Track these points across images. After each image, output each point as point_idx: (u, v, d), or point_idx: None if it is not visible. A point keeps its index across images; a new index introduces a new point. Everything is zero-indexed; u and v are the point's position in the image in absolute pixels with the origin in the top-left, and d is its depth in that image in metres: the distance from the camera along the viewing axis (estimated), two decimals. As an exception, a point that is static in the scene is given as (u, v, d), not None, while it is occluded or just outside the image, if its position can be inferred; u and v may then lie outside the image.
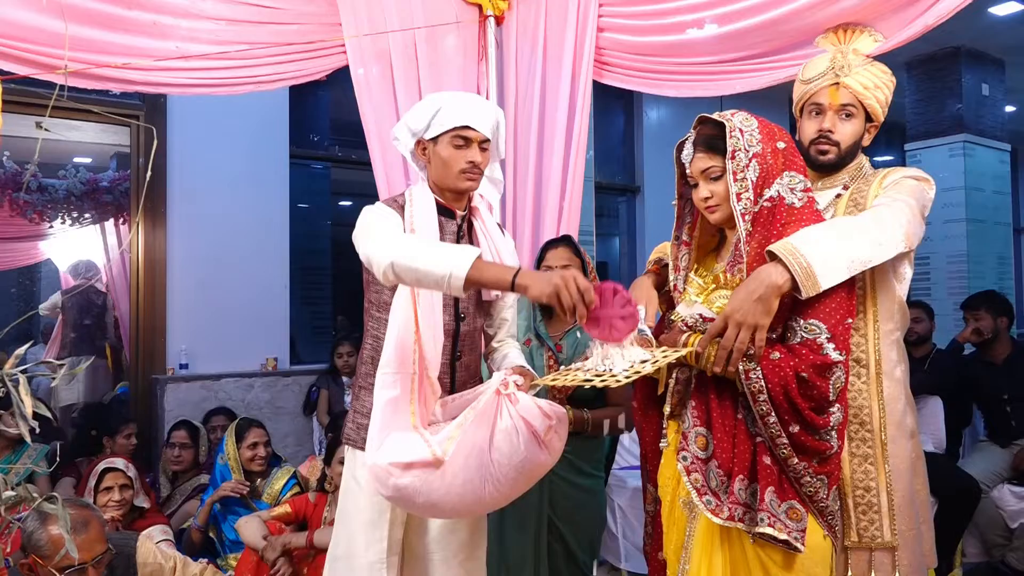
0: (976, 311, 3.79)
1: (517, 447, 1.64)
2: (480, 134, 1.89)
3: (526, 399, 1.68)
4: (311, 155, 5.57)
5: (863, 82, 1.89)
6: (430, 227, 1.89)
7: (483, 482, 1.65)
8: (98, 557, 1.95)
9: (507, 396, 1.68)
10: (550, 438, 1.69)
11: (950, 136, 6.71)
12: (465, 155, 1.89)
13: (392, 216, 1.88)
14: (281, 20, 2.60)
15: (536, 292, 1.59)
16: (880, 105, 1.92)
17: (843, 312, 1.58)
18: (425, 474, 1.65)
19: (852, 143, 1.90)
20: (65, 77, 2.14)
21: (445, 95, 1.95)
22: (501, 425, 1.65)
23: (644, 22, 2.82)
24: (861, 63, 1.93)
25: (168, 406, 4.21)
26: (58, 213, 5.47)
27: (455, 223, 1.97)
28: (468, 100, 1.92)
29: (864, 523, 1.76)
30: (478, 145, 1.90)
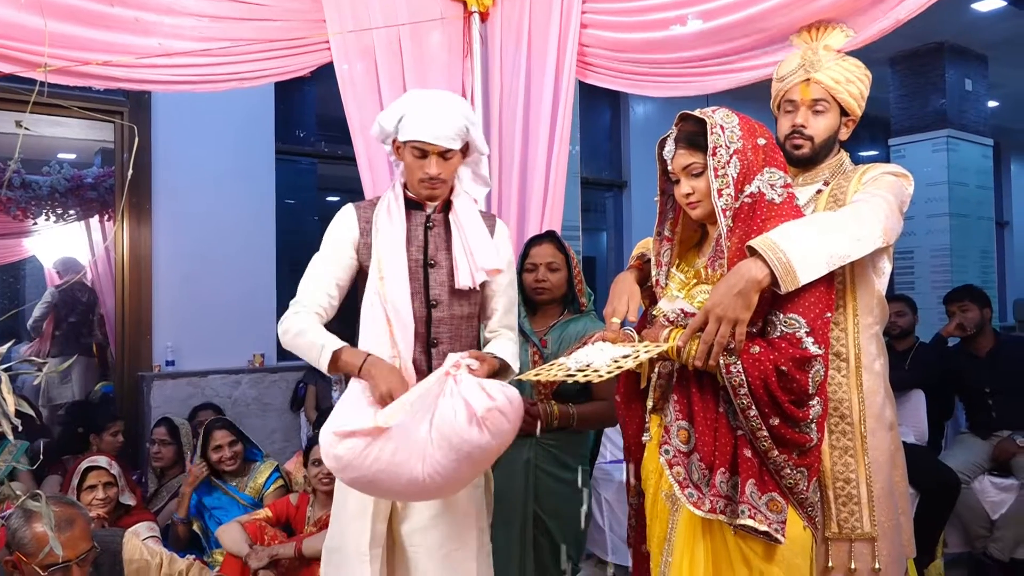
0: (962, 302, 3.81)
1: (453, 427, 1.68)
2: (437, 147, 1.89)
3: (470, 380, 1.73)
4: (297, 151, 5.56)
5: (834, 76, 1.91)
6: (395, 228, 1.95)
7: (420, 460, 1.69)
8: (83, 555, 1.94)
9: (453, 377, 1.73)
10: (491, 420, 1.71)
11: (933, 131, 6.77)
12: (423, 166, 1.92)
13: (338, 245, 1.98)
14: (265, 16, 2.59)
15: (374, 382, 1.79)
16: (854, 99, 1.93)
17: (822, 306, 1.60)
18: (362, 444, 1.70)
19: (826, 137, 1.92)
20: (45, 74, 2.13)
21: (411, 102, 1.94)
22: (442, 403, 1.70)
23: (627, 18, 2.83)
24: (832, 58, 1.95)
25: (154, 403, 4.20)
26: (42, 210, 5.44)
27: (424, 214, 2.01)
28: (427, 113, 1.89)
29: (844, 514, 1.78)
30: (439, 156, 1.91)
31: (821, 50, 1.98)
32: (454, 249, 1.97)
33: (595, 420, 2.47)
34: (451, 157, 1.93)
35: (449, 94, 2.02)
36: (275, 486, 3.21)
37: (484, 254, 1.97)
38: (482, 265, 1.96)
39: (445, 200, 2.02)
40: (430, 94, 2.01)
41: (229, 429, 3.24)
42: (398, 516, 1.96)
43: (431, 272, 1.98)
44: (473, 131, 1.96)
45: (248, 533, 2.75)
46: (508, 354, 2.01)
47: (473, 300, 2.04)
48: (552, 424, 2.36)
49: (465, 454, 1.71)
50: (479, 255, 1.96)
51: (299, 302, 1.95)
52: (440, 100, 1.94)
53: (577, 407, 2.39)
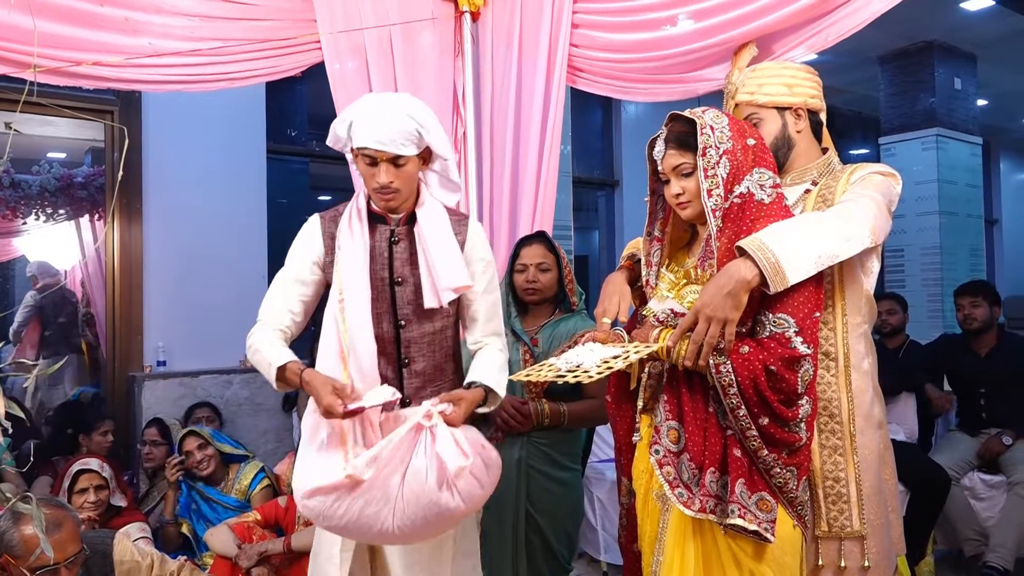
0: (975, 297, 3.76)
1: (423, 487, 1.65)
2: (386, 153, 1.78)
3: (446, 434, 1.68)
4: (289, 150, 5.54)
5: (748, 90, 1.96)
6: (357, 244, 1.86)
7: (391, 514, 1.66)
8: (71, 558, 1.93)
9: (428, 429, 1.68)
10: (464, 483, 1.67)
11: (923, 130, 6.81)
12: (374, 175, 1.82)
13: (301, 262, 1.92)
14: (255, 16, 2.58)
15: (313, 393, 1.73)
16: (780, 94, 1.93)
17: (811, 306, 1.61)
18: (332, 498, 1.67)
19: (773, 139, 1.91)
20: (34, 74, 2.12)
21: (360, 106, 1.83)
22: (415, 460, 1.66)
23: (618, 19, 2.83)
24: (745, 74, 2.02)
25: (146, 404, 4.18)
26: (32, 209, 5.42)
27: (388, 228, 1.92)
28: (371, 118, 1.78)
29: (834, 513, 1.79)
30: (389, 163, 1.80)
31: (735, 76, 2.06)
32: (420, 267, 1.88)
33: (586, 418, 2.48)
34: (404, 163, 1.81)
35: (401, 97, 1.89)
36: (261, 486, 3.22)
37: (450, 272, 1.85)
38: (448, 284, 1.85)
39: (410, 211, 1.92)
40: (379, 97, 1.88)
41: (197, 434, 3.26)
42: None
43: (398, 290, 1.90)
44: (428, 134, 1.83)
45: (236, 534, 2.75)
46: (492, 374, 1.91)
47: (445, 313, 1.96)
48: (543, 422, 2.37)
49: (434, 515, 1.67)
50: (444, 274, 1.84)
51: (261, 319, 1.91)
52: (387, 103, 1.82)
53: (568, 405, 2.40)
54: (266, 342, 1.85)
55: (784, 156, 1.94)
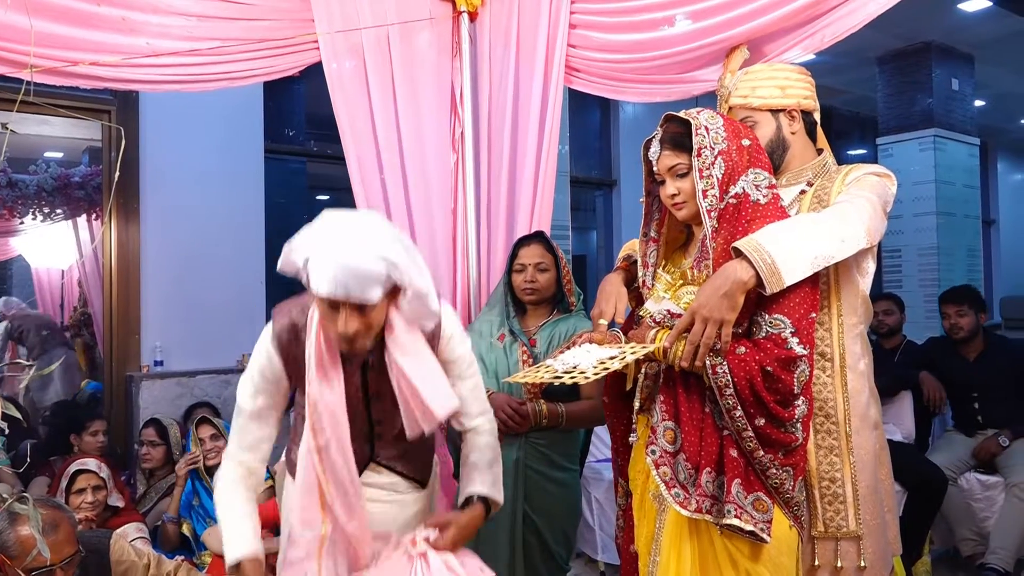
0: (960, 306, 3.77)
1: None
2: (348, 301, 1.49)
3: (439, 566, 1.59)
4: (286, 150, 5.54)
5: (741, 93, 1.96)
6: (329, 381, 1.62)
7: None
8: (67, 559, 1.93)
9: (420, 557, 1.60)
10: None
11: (921, 130, 6.82)
12: (334, 320, 1.53)
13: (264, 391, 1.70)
14: (253, 16, 2.58)
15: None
16: (773, 97, 1.93)
17: (807, 307, 1.61)
18: None
19: (768, 142, 1.91)
20: (31, 74, 2.12)
21: (316, 244, 1.49)
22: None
23: (616, 19, 2.84)
24: (738, 77, 2.01)
25: (143, 403, 4.18)
26: (29, 209, 5.41)
27: (360, 360, 1.69)
28: (333, 260, 1.46)
29: (830, 513, 1.80)
30: (354, 310, 1.51)
31: (727, 79, 2.05)
32: (399, 402, 1.64)
33: (585, 419, 2.48)
34: (370, 311, 1.53)
35: (366, 227, 1.52)
36: (264, 485, 3.20)
37: (435, 397, 1.61)
38: (437, 411, 1.61)
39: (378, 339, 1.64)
40: (340, 232, 1.50)
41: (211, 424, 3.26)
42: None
43: (373, 404, 1.74)
44: (400, 273, 1.52)
45: None
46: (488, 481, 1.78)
47: None
48: (541, 423, 2.37)
49: None
50: (434, 403, 1.61)
51: (228, 453, 1.75)
52: (351, 244, 1.47)
53: (566, 406, 2.40)
54: (231, 508, 1.70)
55: (779, 158, 1.94)
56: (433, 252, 2.84)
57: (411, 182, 2.81)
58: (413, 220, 2.82)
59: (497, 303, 2.59)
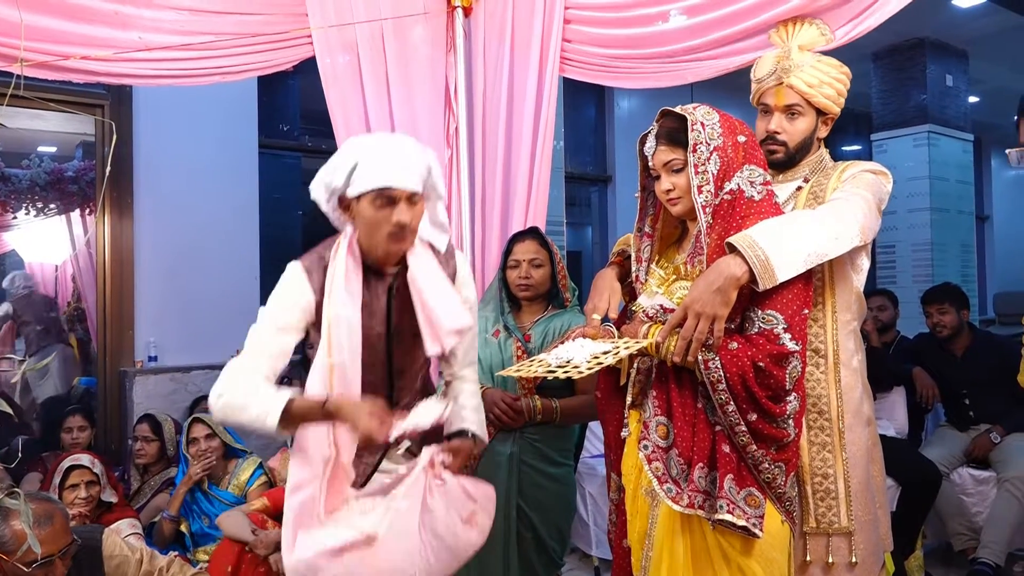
0: (941, 304, 3.79)
1: (448, 527, 1.65)
2: (406, 191, 1.64)
3: (452, 483, 1.67)
4: (281, 145, 5.52)
5: (807, 80, 1.91)
6: (352, 296, 1.69)
7: (413, 565, 1.64)
8: (64, 549, 1.94)
9: (435, 476, 1.66)
10: (478, 520, 1.70)
11: (915, 126, 6.83)
12: (390, 217, 1.64)
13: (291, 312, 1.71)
14: (246, 10, 2.57)
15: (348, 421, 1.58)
16: (830, 100, 1.93)
17: (800, 303, 1.61)
18: (357, 557, 1.61)
19: (801, 140, 1.93)
20: (21, 68, 2.11)
21: (364, 147, 1.67)
22: (432, 503, 1.65)
23: (610, 14, 2.83)
24: (808, 60, 1.94)
25: (137, 399, 4.17)
26: (22, 203, 5.37)
27: (386, 283, 1.77)
28: (388, 155, 1.64)
29: (822, 509, 1.80)
30: (406, 201, 1.65)
31: (795, 52, 1.98)
32: (418, 316, 1.73)
33: (579, 414, 2.48)
34: (418, 202, 1.68)
35: (402, 136, 1.79)
36: (259, 482, 3.19)
37: (452, 316, 1.73)
38: (451, 327, 1.73)
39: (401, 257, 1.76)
40: (382, 137, 1.77)
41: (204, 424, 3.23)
42: None
43: (395, 341, 1.80)
44: (434, 171, 1.72)
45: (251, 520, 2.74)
46: (476, 419, 1.88)
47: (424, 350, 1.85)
48: (535, 418, 2.38)
49: (457, 553, 1.69)
50: (446, 319, 1.72)
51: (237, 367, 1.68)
52: (398, 140, 1.71)
53: (561, 401, 2.40)
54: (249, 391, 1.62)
55: (801, 157, 1.94)
56: (427, 247, 2.84)
57: (405, 177, 2.81)
58: (407, 215, 2.82)
59: (492, 299, 2.59)
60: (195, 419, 3.26)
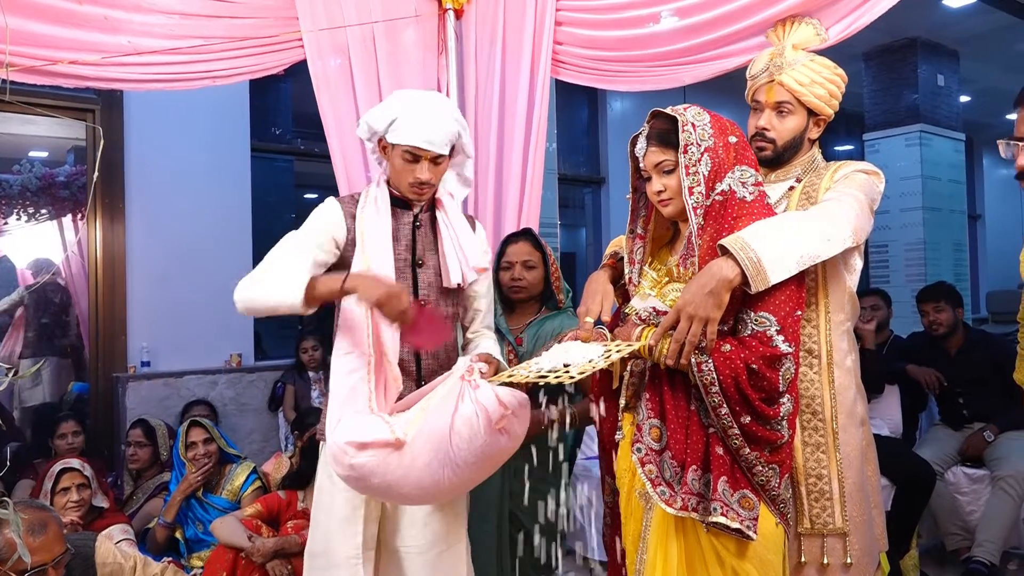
0: (937, 303, 3.80)
1: (477, 432, 1.66)
2: (432, 152, 1.88)
3: (486, 387, 1.70)
4: (273, 148, 5.51)
5: (798, 79, 1.91)
6: (382, 224, 1.92)
7: (442, 466, 1.67)
8: (58, 558, 1.94)
9: (469, 382, 1.71)
10: (508, 425, 1.72)
11: (907, 126, 6.85)
12: (413, 171, 1.89)
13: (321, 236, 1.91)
14: (236, 14, 2.56)
15: (365, 296, 1.74)
16: (822, 100, 1.93)
17: (792, 304, 1.61)
18: (383, 454, 1.66)
19: (790, 139, 1.93)
20: (7, 73, 2.09)
21: (406, 103, 1.89)
22: (462, 410, 1.67)
23: (602, 16, 2.83)
24: (801, 59, 1.94)
25: (130, 404, 4.16)
26: (13, 209, 5.34)
27: (411, 214, 1.99)
28: (423, 117, 1.86)
29: (817, 510, 1.80)
30: (430, 161, 1.89)
31: (789, 50, 1.98)
32: (443, 247, 1.97)
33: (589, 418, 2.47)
34: (441, 162, 1.92)
35: (441, 97, 2.01)
36: (253, 488, 3.18)
37: (473, 252, 1.98)
38: (473, 264, 1.98)
39: (430, 199, 2.01)
40: (424, 97, 1.94)
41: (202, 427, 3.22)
42: (388, 518, 1.94)
43: (420, 272, 1.98)
44: (464, 135, 1.95)
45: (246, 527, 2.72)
46: (497, 353, 2.02)
47: (457, 301, 2.05)
48: (575, 423, 2.40)
49: (488, 456, 1.71)
50: (469, 253, 1.97)
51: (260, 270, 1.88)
52: (435, 105, 1.91)
53: (578, 406, 2.40)
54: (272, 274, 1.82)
55: (790, 156, 1.94)
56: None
57: (397, 180, 2.80)
58: (400, 218, 2.81)
59: (485, 301, 2.58)
60: (193, 423, 3.24)
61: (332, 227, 1.93)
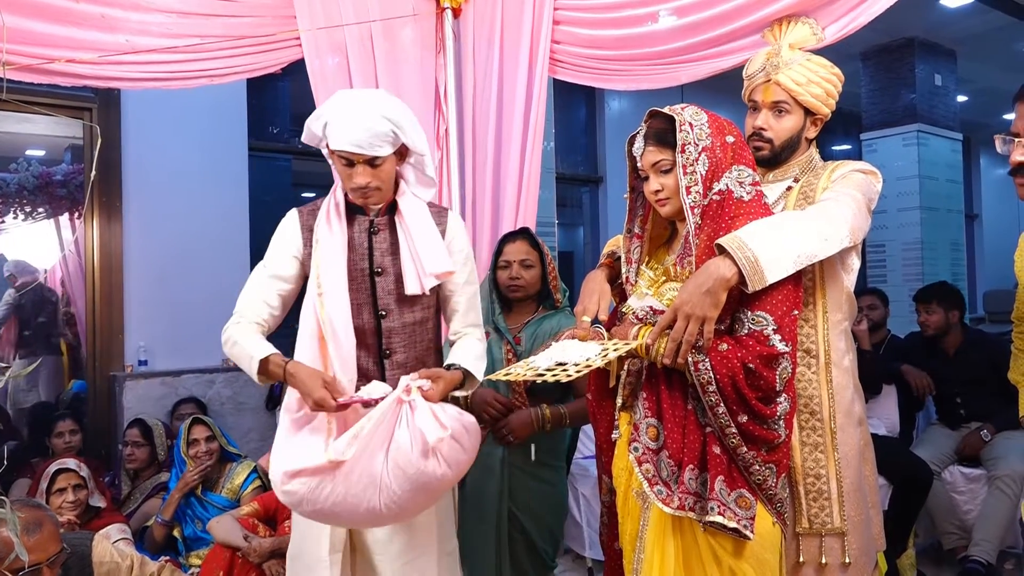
0: (928, 304, 3.81)
1: (410, 458, 1.65)
2: (363, 155, 1.78)
3: (424, 408, 1.68)
4: (271, 147, 5.51)
5: (795, 78, 1.90)
6: (335, 233, 1.86)
7: (377, 493, 1.65)
8: (53, 557, 1.93)
9: (408, 403, 1.68)
10: (446, 450, 1.67)
11: (904, 125, 6.86)
12: (351, 176, 1.82)
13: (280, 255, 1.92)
14: (234, 13, 2.56)
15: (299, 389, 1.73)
16: (818, 100, 1.93)
17: (789, 304, 1.61)
18: (315, 482, 1.65)
19: (787, 139, 1.92)
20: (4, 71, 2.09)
21: (334, 105, 1.81)
22: (397, 434, 1.65)
23: (600, 15, 2.83)
24: (798, 59, 1.94)
25: (127, 404, 4.14)
26: (10, 208, 5.34)
27: (368, 219, 1.93)
28: (346, 120, 1.77)
29: (815, 510, 1.80)
30: (366, 164, 1.80)
31: (785, 49, 1.98)
32: (401, 254, 1.89)
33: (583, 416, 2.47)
34: (381, 164, 1.82)
35: (376, 96, 1.87)
36: (253, 487, 3.17)
37: (433, 258, 1.88)
38: (431, 270, 1.87)
39: (390, 201, 1.94)
40: (352, 97, 1.85)
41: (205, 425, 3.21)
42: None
43: (378, 280, 1.91)
44: (404, 133, 1.83)
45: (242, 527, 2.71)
46: (470, 360, 1.92)
47: (426, 304, 1.98)
48: (545, 428, 2.36)
49: (421, 485, 1.67)
50: (428, 260, 1.87)
51: (238, 312, 1.89)
52: (362, 104, 1.80)
53: (567, 406, 2.40)
54: (244, 335, 1.83)
55: (787, 156, 1.94)
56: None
57: (395, 179, 2.80)
58: (398, 217, 2.81)
59: (482, 300, 2.57)
60: (196, 420, 3.24)
61: (289, 244, 1.92)
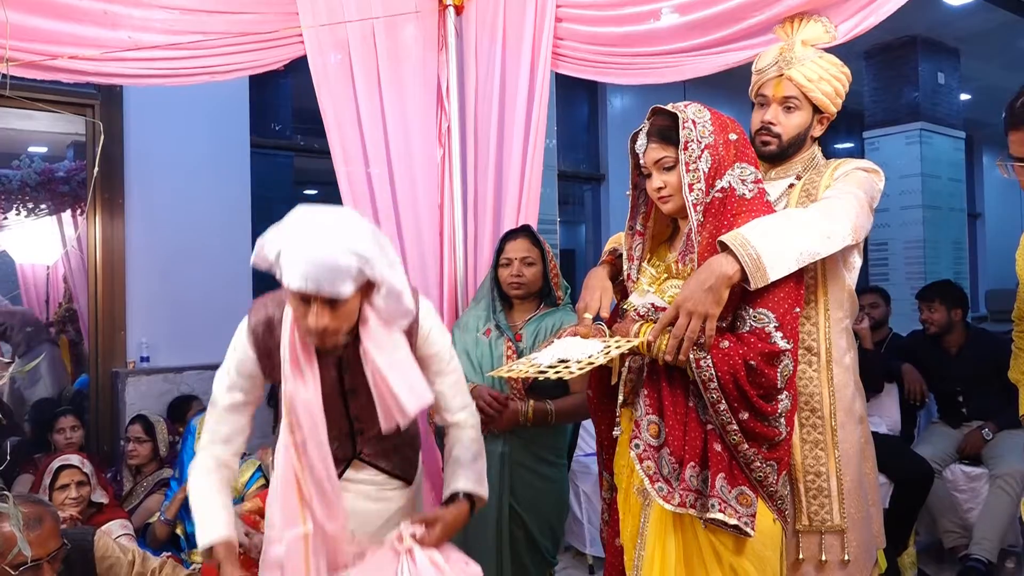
0: (931, 302, 3.82)
1: None
2: (320, 295, 1.47)
3: (424, 559, 1.57)
4: (273, 144, 5.51)
5: (806, 74, 1.91)
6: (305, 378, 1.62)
7: None
8: (53, 553, 1.93)
9: (406, 553, 1.58)
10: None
11: (907, 124, 6.85)
12: (305, 315, 1.51)
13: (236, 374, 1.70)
14: (236, 9, 2.56)
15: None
16: (827, 97, 1.93)
17: (791, 301, 1.61)
18: None
19: (795, 135, 1.93)
20: (7, 68, 2.09)
21: (288, 237, 1.47)
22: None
23: (602, 12, 2.83)
24: (809, 55, 1.94)
25: (129, 399, 4.15)
26: (12, 204, 5.35)
27: (335, 356, 1.68)
28: (302, 253, 1.44)
29: (815, 507, 1.80)
30: (324, 304, 1.49)
31: (798, 46, 1.98)
32: (374, 396, 1.62)
33: (575, 414, 2.46)
34: (342, 305, 1.51)
35: (341, 221, 1.50)
36: (257, 484, 3.18)
37: (407, 396, 1.60)
38: (406, 407, 1.60)
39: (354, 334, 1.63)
40: (311, 226, 1.48)
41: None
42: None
43: (350, 400, 1.73)
44: (373, 268, 1.50)
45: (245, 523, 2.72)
46: (472, 479, 1.75)
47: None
48: (526, 424, 2.36)
49: None
50: (402, 398, 1.59)
51: (202, 445, 1.73)
52: (321, 236, 1.46)
53: (555, 402, 2.39)
54: (205, 496, 1.67)
55: (792, 153, 1.94)
56: (420, 247, 2.84)
57: (397, 176, 2.80)
58: (399, 215, 2.81)
59: (484, 297, 2.58)
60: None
61: (246, 368, 1.71)
